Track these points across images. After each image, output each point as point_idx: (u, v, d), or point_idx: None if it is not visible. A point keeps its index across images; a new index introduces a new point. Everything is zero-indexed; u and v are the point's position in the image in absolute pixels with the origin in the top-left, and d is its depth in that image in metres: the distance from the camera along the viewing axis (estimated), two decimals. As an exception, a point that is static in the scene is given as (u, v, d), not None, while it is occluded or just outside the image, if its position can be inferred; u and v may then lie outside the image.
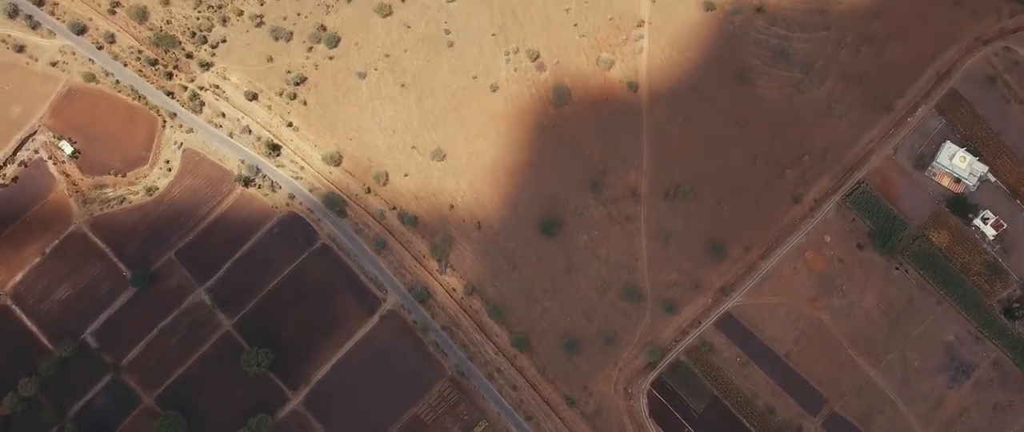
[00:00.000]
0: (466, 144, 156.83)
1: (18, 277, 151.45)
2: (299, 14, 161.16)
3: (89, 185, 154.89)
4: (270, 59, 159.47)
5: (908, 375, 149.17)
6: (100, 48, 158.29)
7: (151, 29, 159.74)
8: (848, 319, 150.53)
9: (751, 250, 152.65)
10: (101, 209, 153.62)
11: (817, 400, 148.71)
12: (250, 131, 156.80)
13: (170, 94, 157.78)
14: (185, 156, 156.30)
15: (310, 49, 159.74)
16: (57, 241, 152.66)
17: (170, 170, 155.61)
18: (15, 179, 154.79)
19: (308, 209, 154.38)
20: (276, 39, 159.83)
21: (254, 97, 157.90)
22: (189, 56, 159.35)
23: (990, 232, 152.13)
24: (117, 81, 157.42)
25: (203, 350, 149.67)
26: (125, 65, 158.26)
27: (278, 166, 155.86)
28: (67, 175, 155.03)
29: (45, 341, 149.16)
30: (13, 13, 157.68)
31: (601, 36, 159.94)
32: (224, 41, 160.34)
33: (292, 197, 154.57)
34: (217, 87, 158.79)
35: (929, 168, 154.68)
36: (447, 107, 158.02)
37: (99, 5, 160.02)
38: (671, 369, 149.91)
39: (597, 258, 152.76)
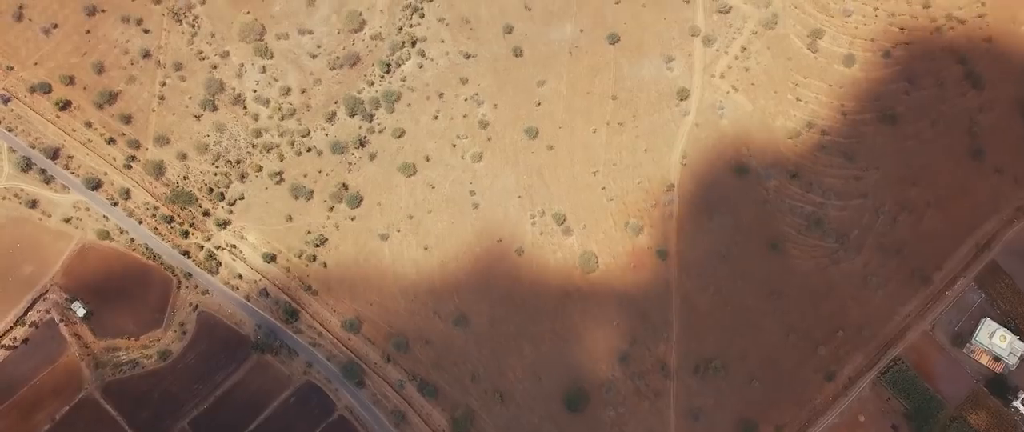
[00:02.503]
0: (489, 310, 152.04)
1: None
2: (320, 171, 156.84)
3: (101, 348, 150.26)
4: (290, 218, 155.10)
5: None
6: (115, 204, 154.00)
7: (167, 185, 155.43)
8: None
9: (783, 430, 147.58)
10: (113, 374, 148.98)
11: None
12: (268, 294, 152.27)
13: (186, 253, 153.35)
14: (200, 319, 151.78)
15: (331, 208, 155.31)
16: (67, 407, 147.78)
17: (185, 334, 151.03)
18: (25, 341, 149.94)
19: (326, 378, 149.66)
20: (296, 197, 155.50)
21: (272, 258, 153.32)
22: (206, 213, 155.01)
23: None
24: (132, 239, 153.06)
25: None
26: (140, 222, 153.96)
27: (296, 332, 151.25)
28: (79, 337, 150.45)
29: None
30: (27, 167, 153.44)
31: (630, 200, 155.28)
32: (242, 198, 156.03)
33: (310, 365, 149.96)
34: (234, 247, 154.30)
35: (968, 346, 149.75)
36: (471, 271, 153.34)
37: (115, 159, 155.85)
38: None
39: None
